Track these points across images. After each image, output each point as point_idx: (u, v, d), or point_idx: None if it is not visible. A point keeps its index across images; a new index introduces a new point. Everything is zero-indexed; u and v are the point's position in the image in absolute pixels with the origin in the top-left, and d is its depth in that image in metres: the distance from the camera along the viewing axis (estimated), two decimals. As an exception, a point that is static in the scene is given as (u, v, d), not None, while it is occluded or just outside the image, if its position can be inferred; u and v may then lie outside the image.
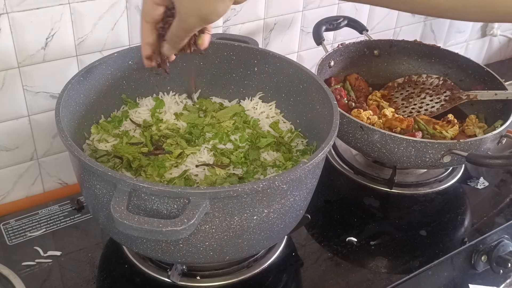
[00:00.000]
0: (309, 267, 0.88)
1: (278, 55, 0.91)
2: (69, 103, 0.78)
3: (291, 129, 0.92)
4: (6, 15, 0.83)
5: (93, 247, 0.88)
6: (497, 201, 1.07)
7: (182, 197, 0.62)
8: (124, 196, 0.61)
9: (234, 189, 0.62)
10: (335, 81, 1.17)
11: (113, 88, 0.89)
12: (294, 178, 0.67)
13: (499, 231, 1.00)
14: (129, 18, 0.95)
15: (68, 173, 1.03)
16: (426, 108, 1.15)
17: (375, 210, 1.02)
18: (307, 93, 0.87)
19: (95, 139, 0.84)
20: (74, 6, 0.88)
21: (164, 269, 0.82)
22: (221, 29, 1.08)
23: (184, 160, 0.81)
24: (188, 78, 0.95)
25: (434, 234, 0.96)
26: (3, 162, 0.95)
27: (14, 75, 0.88)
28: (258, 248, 0.79)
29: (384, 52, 1.23)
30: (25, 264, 0.83)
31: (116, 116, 0.89)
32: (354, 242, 0.93)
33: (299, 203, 0.74)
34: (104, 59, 0.85)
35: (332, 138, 0.72)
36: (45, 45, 0.88)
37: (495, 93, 1.09)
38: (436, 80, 1.19)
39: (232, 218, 0.66)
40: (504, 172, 1.15)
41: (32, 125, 0.94)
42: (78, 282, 0.82)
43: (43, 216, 0.93)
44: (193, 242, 0.68)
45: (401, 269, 0.89)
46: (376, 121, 1.04)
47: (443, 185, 1.09)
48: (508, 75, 1.44)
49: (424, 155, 0.93)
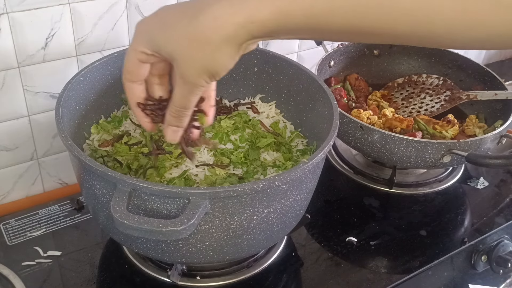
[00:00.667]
0: (309, 267, 0.88)
1: (278, 55, 0.91)
2: (69, 103, 0.77)
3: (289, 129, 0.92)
4: (6, 15, 0.83)
5: (93, 247, 0.88)
6: (497, 201, 1.07)
7: (182, 197, 0.62)
8: (124, 196, 0.61)
9: (234, 189, 0.62)
10: (335, 81, 1.17)
11: (113, 88, 0.89)
12: (294, 178, 0.67)
13: (499, 231, 1.00)
14: (129, 18, 0.95)
15: (68, 173, 1.03)
16: (426, 108, 1.15)
17: (375, 210, 1.02)
18: (307, 93, 0.87)
19: (95, 139, 0.85)
20: (74, 6, 0.88)
21: (164, 269, 0.82)
22: (221, 29, 1.08)
23: (184, 160, 0.81)
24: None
25: (434, 234, 0.96)
26: (3, 162, 0.95)
27: (14, 75, 0.88)
28: (258, 248, 0.79)
29: (384, 52, 1.23)
30: (25, 264, 0.83)
31: (116, 116, 0.89)
32: (354, 242, 0.93)
33: (299, 203, 0.74)
34: (104, 59, 0.85)
35: (332, 138, 0.72)
36: (45, 45, 0.88)
37: (495, 93, 1.09)
38: (436, 80, 1.19)
39: (232, 218, 0.66)
40: (504, 172, 1.15)
41: (32, 125, 0.94)
42: (78, 282, 0.82)
43: (43, 216, 0.93)
44: (193, 242, 0.68)
45: (401, 269, 0.89)
46: (376, 121, 1.04)
47: (443, 185, 1.09)
48: (508, 75, 1.44)
49: (424, 155, 0.93)
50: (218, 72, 0.53)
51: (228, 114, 0.92)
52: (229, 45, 0.50)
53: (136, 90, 0.60)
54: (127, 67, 0.58)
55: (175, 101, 0.57)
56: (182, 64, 0.52)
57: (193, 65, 0.52)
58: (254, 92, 0.96)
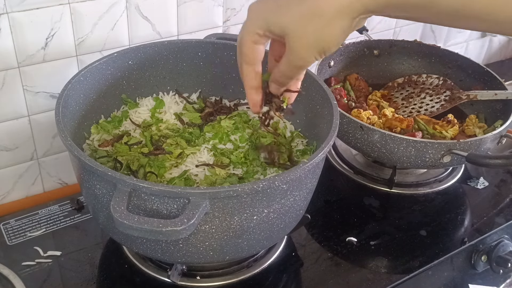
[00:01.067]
0: (309, 267, 0.88)
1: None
2: (69, 103, 0.78)
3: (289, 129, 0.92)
4: (6, 15, 0.83)
5: (93, 247, 0.88)
6: (497, 201, 1.07)
7: (182, 197, 0.62)
8: (124, 196, 0.61)
9: (234, 189, 0.62)
10: (335, 81, 1.17)
11: (113, 88, 0.89)
12: (294, 178, 0.67)
13: (499, 231, 1.00)
14: (129, 18, 0.95)
15: (68, 173, 1.03)
16: (426, 108, 1.15)
17: (375, 210, 1.02)
18: (307, 93, 0.87)
19: (95, 139, 0.85)
20: (74, 6, 0.88)
21: (164, 269, 0.82)
22: (221, 29, 1.08)
23: (184, 160, 0.81)
24: (188, 78, 0.95)
25: (434, 234, 0.96)
26: (3, 162, 0.95)
27: (14, 75, 0.88)
28: (258, 248, 0.79)
29: (384, 52, 1.23)
30: (25, 264, 0.83)
31: (116, 116, 0.89)
32: (354, 242, 0.93)
33: (299, 203, 0.74)
34: (104, 59, 0.85)
35: (332, 138, 0.72)
36: (45, 45, 0.88)
37: (495, 93, 1.09)
38: (436, 80, 1.19)
39: (232, 218, 0.66)
40: (504, 172, 1.15)
41: (32, 125, 0.94)
42: (78, 282, 0.82)
43: (43, 216, 0.93)
44: (193, 242, 0.68)
45: (401, 269, 0.89)
46: (376, 121, 1.04)
47: (443, 185, 1.09)
48: (508, 75, 1.44)
49: (424, 155, 0.93)
50: (329, 47, 0.52)
51: (228, 114, 0.92)
52: (343, 18, 0.50)
53: (252, 72, 0.60)
54: (243, 50, 0.58)
55: (280, 70, 0.58)
56: (293, 38, 0.52)
57: (305, 39, 0.51)
58: (254, 92, 0.95)
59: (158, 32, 1.00)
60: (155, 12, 0.97)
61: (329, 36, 0.51)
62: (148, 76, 0.92)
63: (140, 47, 0.89)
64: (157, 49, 0.91)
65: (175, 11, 1.00)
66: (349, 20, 0.51)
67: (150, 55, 0.90)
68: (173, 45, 0.92)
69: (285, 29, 0.53)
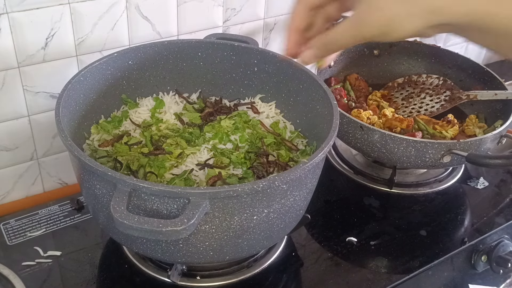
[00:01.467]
0: (309, 267, 0.88)
1: (278, 55, 0.91)
2: (69, 103, 0.77)
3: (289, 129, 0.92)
4: (6, 15, 0.83)
5: (93, 247, 0.88)
6: (497, 201, 1.07)
7: (182, 197, 0.62)
8: (124, 196, 0.61)
9: (234, 189, 0.62)
10: (335, 81, 1.17)
11: (113, 88, 0.89)
12: (294, 178, 0.67)
13: (499, 231, 1.00)
14: (129, 18, 0.95)
15: (68, 173, 1.03)
16: (426, 108, 1.15)
17: (375, 210, 1.02)
18: (307, 93, 0.87)
19: (95, 139, 0.85)
20: (74, 6, 0.88)
21: (164, 269, 0.82)
22: (221, 29, 1.08)
23: (184, 160, 0.81)
24: (188, 78, 0.95)
25: (434, 234, 0.96)
26: (3, 162, 0.95)
27: (14, 75, 0.88)
28: (258, 248, 0.79)
29: (384, 52, 1.23)
30: (25, 264, 0.83)
31: (116, 116, 0.89)
32: (354, 242, 0.93)
33: (299, 203, 0.74)
34: (104, 59, 0.85)
35: (332, 138, 0.72)
36: (45, 45, 0.88)
37: (495, 93, 1.09)
38: (436, 80, 1.19)
39: (232, 218, 0.66)
40: (504, 172, 1.15)
41: (32, 125, 0.94)
42: (78, 282, 0.82)
43: (43, 216, 0.93)
44: (193, 242, 0.68)
45: (401, 269, 0.89)
46: (376, 121, 1.04)
47: (443, 185, 1.09)
48: (508, 75, 1.44)
49: (424, 155, 0.93)
50: (390, 33, 0.49)
51: (228, 114, 0.92)
52: (424, 18, 0.47)
53: (302, 12, 0.58)
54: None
55: (333, 35, 0.55)
56: (364, 9, 0.49)
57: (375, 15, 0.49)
58: (254, 92, 0.95)
59: (158, 32, 1.00)
60: (155, 12, 0.97)
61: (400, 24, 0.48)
62: (148, 76, 0.92)
63: (140, 47, 0.89)
64: (157, 49, 0.91)
65: (175, 11, 1.00)
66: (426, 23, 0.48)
67: (150, 55, 0.90)
68: (173, 45, 0.92)
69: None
